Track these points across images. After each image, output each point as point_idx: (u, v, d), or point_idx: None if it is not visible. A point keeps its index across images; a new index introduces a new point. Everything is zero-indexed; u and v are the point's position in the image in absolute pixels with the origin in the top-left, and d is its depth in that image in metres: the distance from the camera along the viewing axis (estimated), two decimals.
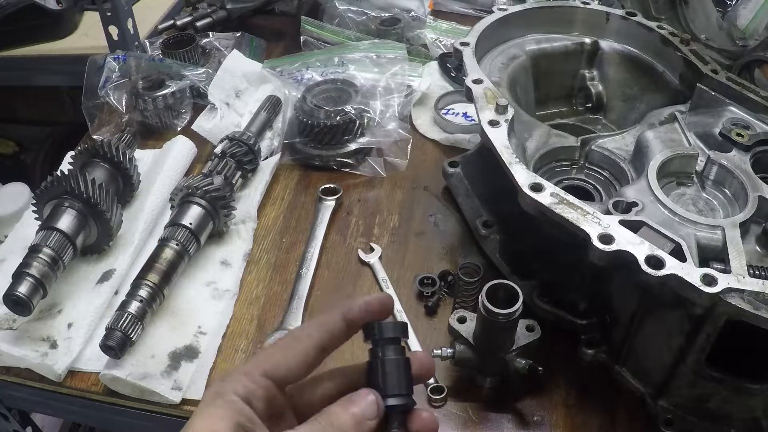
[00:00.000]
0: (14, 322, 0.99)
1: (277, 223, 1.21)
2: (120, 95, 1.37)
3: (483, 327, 0.86)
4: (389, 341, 0.63)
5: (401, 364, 0.63)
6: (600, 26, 1.24)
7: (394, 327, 0.64)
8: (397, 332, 0.64)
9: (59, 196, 1.03)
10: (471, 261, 1.07)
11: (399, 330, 0.64)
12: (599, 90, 1.26)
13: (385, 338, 0.63)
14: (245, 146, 1.22)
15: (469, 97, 1.01)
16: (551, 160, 1.02)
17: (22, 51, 1.76)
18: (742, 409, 0.83)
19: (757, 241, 0.84)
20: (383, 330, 0.63)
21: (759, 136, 0.94)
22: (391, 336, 0.63)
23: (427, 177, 1.29)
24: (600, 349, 0.93)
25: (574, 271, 0.91)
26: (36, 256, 0.96)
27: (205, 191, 1.08)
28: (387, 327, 0.64)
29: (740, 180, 0.88)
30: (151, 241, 1.11)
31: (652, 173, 0.89)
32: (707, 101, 1.05)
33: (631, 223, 0.78)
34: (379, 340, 0.63)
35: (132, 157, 1.20)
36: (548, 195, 0.81)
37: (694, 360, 0.80)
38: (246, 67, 1.48)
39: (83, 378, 0.96)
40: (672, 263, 0.72)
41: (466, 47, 1.10)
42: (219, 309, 1.04)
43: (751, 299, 0.69)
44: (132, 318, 0.93)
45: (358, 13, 1.65)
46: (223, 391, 0.57)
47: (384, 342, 0.63)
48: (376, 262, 1.12)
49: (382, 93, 1.35)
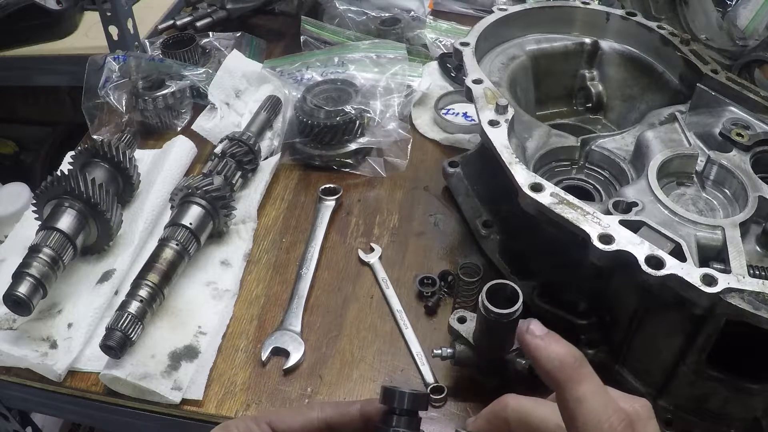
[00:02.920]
0: (14, 322, 0.99)
1: (277, 223, 1.21)
2: (120, 95, 1.37)
3: (483, 327, 0.86)
4: (407, 413, 0.60)
5: None
6: (600, 26, 1.24)
7: (415, 399, 0.60)
8: (417, 405, 0.61)
9: (59, 196, 1.03)
10: (471, 261, 1.07)
11: (420, 403, 0.62)
12: (599, 90, 1.26)
13: (404, 409, 0.60)
14: (245, 146, 1.22)
15: (469, 97, 1.01)
16: (551, 160, 1.02)
17: (22, 51, 1.76)
18: (742, 409, 0.83)
19: (757, 241, 0.84)
20: (404, 400, 0.60)
21: (759, 136, 0.94)
22: (410, 408, 0.61)
23: (427, 177, 1.29)
24: (600, 349, 0.93)
25: (574, 271, 0.91)
26: (36, 256, 0.96)
27: (205, 191, 1.08)
28: (408, 398, 0.60)
29: (740, 180, 0.88)
30: (151, 241, 1.11)
31: (652, 173, 0.89)
32: (707, 101, 1.05)
33: (631, 223, 0.78)
34: (396, 409, 0.61)
35: (132, 157, 1.20)
36: (548, 195, 0.81)
37: (694, 360, 0.80)
38: (246, 67, 1.48)
39: (83, 378, 0.96)
40: (672, 263, 0.72)
41: (466, 47, 1.10)
42: (219, 309, 1.04)
43: (751, 299, 0.69)
44: (132, 318, 0.93)
45: (358, 13, 1.65)
46: (228, 426, 0.62)
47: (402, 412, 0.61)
48: (376, 262, 1.12)
49: (382, 93, 1.35)
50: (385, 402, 0.61)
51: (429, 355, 0.95)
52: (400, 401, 0.60)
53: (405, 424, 0.60)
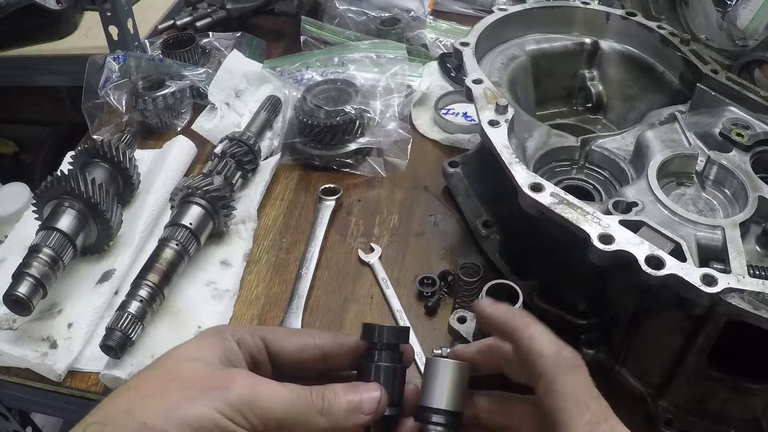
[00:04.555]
0: (14, 322, 0.99)
1: (277, 223, 1.21)
2: (120, 95, 1.37)
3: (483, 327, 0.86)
4: (388, 347, 0.62)
5: (397, 373, 0.61)
6: (600, 26, 1.24)
7: (396, 333, 0.61)
8: (398, 338, 0.62)
9: (59, 196, 1.03)
10: (471, 261, 1.07)
11: (400, 336, 0.62)
12: (599, 90, 1.26)
13: (384, 343, 0.62)
14: (245, 146, 1.22)
15: (469, 97, 1.01)
16: (551, 160, 1.02)
17: (22, 51, 1.76)
18: (742, 409, 0.83)
19: (757, 241, 0.84)
20: (384, 334, 0.61)
21: (759, 136, 0.94)
22: (391, 342, 0.62)
23: (427, 177, 1.29)
24: (600, 349, 0.93)
25: (574, 271, 0.91)
26: (36, 256, 0.96)
27: (205, 191, 1.08)
28: (388, 332, 0.61)
29: (740, 180, 0.88)
30: (151, 241, 1.11)
31: (652, 173, 0.89)
32: (707, 101, 1.05)
33: (631, 223, 0.78)
34: (377, 344, 0.62)
35: (132, 157, 1.20)
36: (548, 195, 0.81)
37: (694, 360, 0.80)
38: (246, 67, 1.48)
39: (83, 378, 0.96)
40: (672, 263, 0.72)
41: (466, 47, 1.10)
42: (219, 309, 1.04)
43: (751, 299, 0.69)
44: (132, 318, 0.93)
45: (358, 13, 1.65)
46: (222, 330, 0.63)
47: (382, 347, 0.62)
48: (376, 262, 1.12)
49: (382, 93, 1.35)
50: (366, 338, 0.62)
51: (429, 355, 0.94)
52: (380, 336, 0.61)
53: (387, 358, 0.61)
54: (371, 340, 0.62)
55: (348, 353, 0.64)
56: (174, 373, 0.57)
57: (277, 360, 0.64)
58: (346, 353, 0.64)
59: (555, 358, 0.58)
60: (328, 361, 0.64)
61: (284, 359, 0.64)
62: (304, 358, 0.64)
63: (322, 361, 0.64)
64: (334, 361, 0.65)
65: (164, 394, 0.54)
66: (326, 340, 0.64)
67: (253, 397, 0.55)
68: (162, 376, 0.57)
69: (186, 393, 0.54)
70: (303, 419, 0.57)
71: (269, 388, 0.56)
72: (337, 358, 0.64)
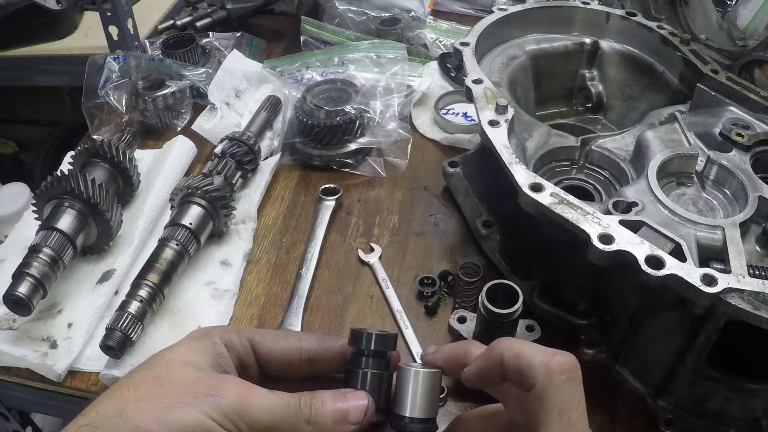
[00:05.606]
0: (14, 322, 0.99)
1: (277, 223, 1.21)
2: (120, 95, 1.37)
3: (483, 327, 0.86)
4: (375, 353, 0.61)
5: (384, 380, 0.61)
6: (600, 26, 1.24)
7: (384, 340, 0.61)
8: (385, 346, 0.61)
9: (59, 196, 1.03)
10: (471, 261, 1.07)
11: (388, 343, 0.62)
12: (599, 90, 1.26)
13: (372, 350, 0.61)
14: (245, 146, 1.22)
15: (469, 97, 1.01)
16: (551, 160, 1.02)
17: (22, 51, 1.76)
18: (742, 409, 0.83)
19: (757, 241, 0.84)
20: (372, 341, 0.60)
21: (759, 136, 0.94)
22: (379, 349, 0.61)
23: (427, 177, 1.29)
24: (600, 349, 0.93)
25: (574, 271, 0.91)
26: (36, 256, 0.96)
27: (205, 191, 1.08)
28: (376, 339, 0.61)
29: (740, 180, 0.88)
30: (151, 241, 1.11)
31: (652, 173, 0.89)
32: (707, 101, 1.05)
33: (631, 223, 0.78)
34: (364, 350, 0.61)
35: (132, 157, 1.20)
36: (548, 195, 0.81)
37: (694, 360, 0.79)
38: (246, 67, 1.48)
39: (83, 378, 0.96)
40: (672, 263, 0.72)
41: (466, 47, 1.10)
42: (219, 309, 1.04)
43: (751, 299, 0.69)
44: (132, 318, 0.93)
45: (358, 13, 1.65)
46: (211, 333, 0.63)
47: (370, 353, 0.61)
48: (376, 262, 1.12)
49: (382, 93, 1.35)
50: (354, 344, 0.61)
51: None
52: (367, 343, 0.60)
53: (374, 365, 0.60)
54: (359, 347, 0.61)
55: (335, 357, 0.64)
56: (166, 376, 0.57)
57: (264, 362, 0.64)
58: (333, 357, 0.64)
59: (547, 367, 0.56)
60: (314, 364, 0.64)
61: (271, 362, 0.64)
62: (290, 361, 0.64)
63: (308, 363, 0.64)
64: (321, 365, 0.65)
65: (157, 398, 0.54)
66: (313, 344, 0.64)
67: (243, 405, 0.55)
68: (154, 379, 0.57)
69: (179, 398, 0.54)
70: (290, 427, 0.57)
71: (259, 396, 0.56)
72: (324, 362, 0.65)
